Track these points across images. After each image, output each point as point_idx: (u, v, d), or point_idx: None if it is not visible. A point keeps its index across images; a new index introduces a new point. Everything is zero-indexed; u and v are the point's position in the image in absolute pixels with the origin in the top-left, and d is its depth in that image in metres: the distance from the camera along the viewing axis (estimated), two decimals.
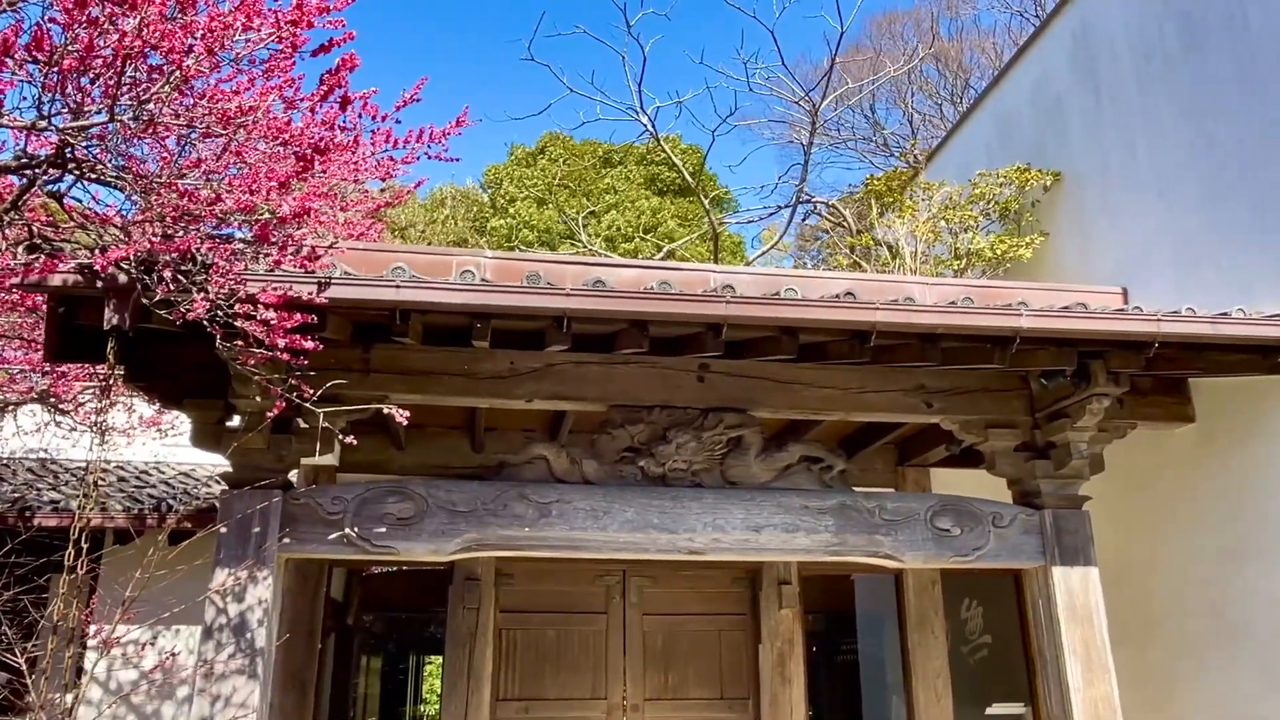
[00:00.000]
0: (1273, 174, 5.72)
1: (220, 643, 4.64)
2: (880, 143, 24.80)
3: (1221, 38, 6.18)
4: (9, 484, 6.56)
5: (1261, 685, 5.52)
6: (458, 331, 4.82)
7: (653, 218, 20.96)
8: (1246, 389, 5.68)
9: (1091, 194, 7.54)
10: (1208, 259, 6.19)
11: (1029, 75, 8.45)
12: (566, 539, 5.17)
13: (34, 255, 3.83)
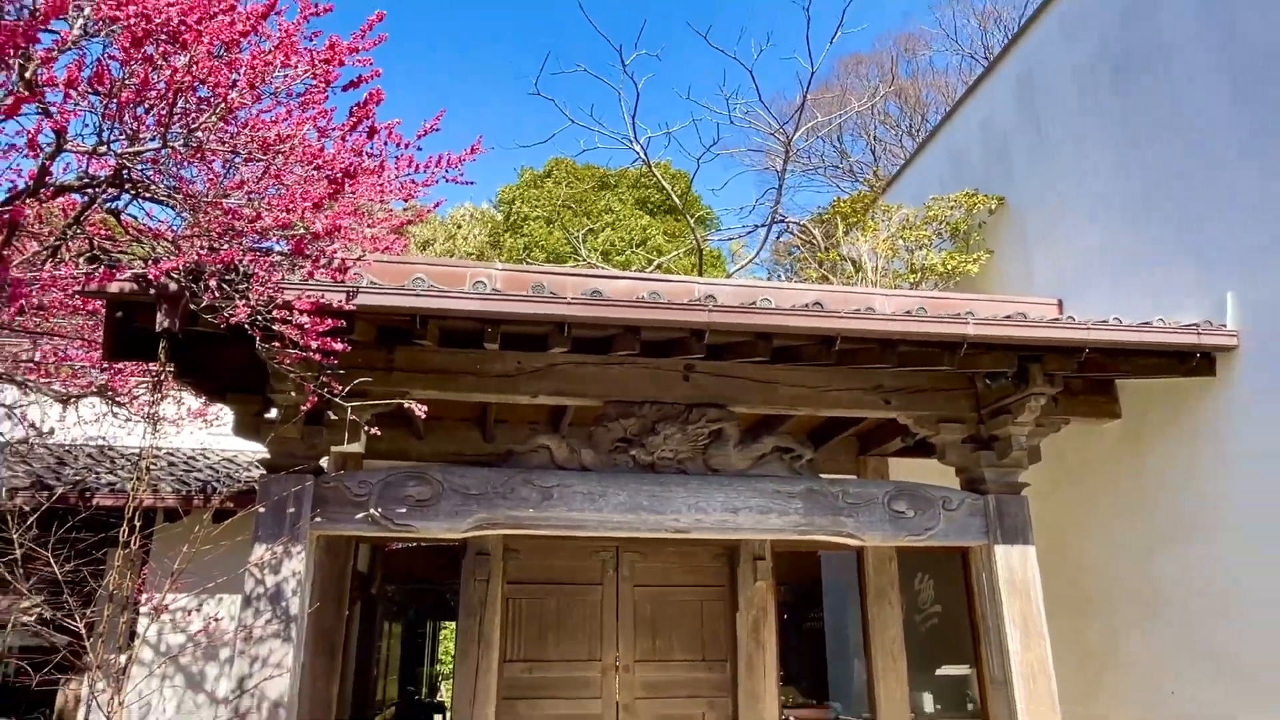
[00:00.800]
0: (1191, 201, 5.74)
1: (258, 610, 4.61)
2: (847, 169, 24.87)
3: (1147, 80, 6.18)
4: (71, 468, 6.53)
5: (1175, 652, 5.55)
6: (471, 335, 4.80)
7: (644, 235, 20.86)
8: (1167, 390, 5.69)
9: (1031, 216, 7.54)
10: (1133, 274, 6.20)
11: (978, 111, 8.46)
12: (566, 519, 5.15)
13: (94, 265, 3.80)
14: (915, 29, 25.48)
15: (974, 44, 23.98)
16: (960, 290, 7.89)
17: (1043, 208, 7.39)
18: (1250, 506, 5.10)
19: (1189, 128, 5.78)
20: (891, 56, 24.85)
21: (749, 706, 6.65)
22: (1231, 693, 5.13)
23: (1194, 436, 5.54)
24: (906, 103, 24.27)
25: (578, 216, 21.48)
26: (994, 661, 5.30)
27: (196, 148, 3.48)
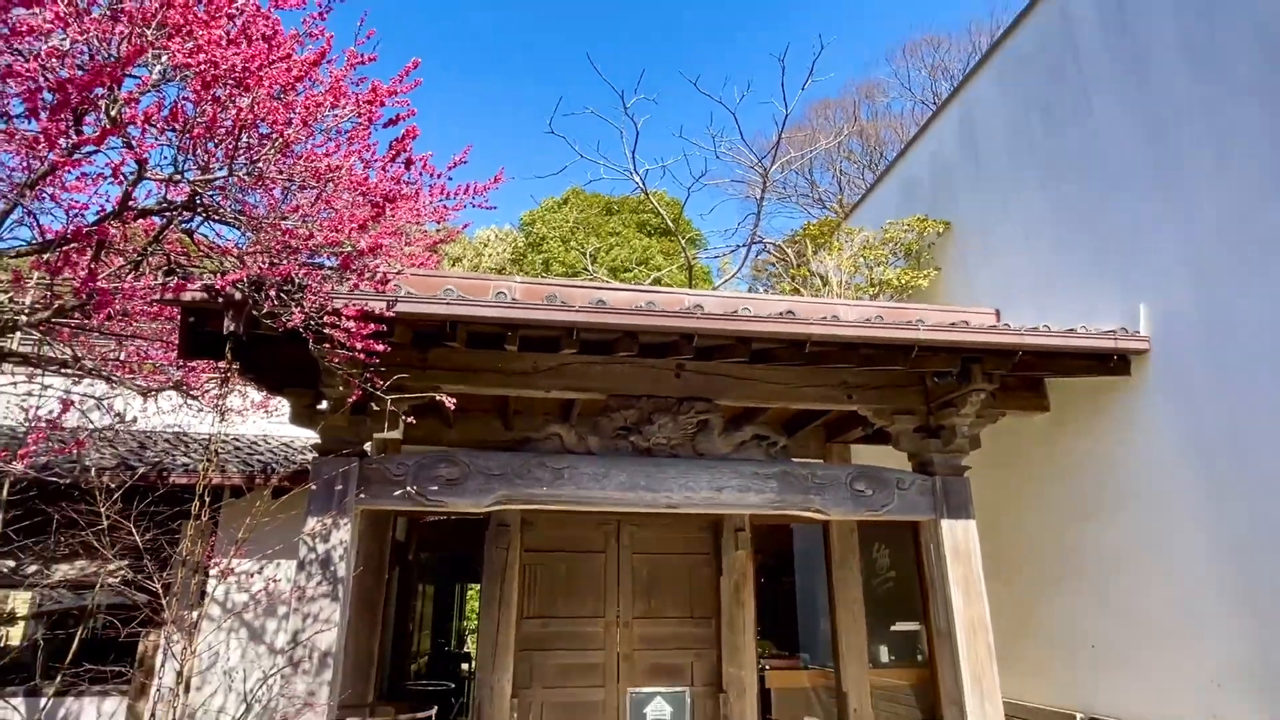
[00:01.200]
0: (1108, 226, 5.73)
1: (310, 573, 4.55)
2: (816, 198, 24.79)
3: (1070, 123, 6.15)
4: (150, 451, 6.48)
5: (1094, 610, 5.54)
6: (493, 338, 4.75)
7: (644, 254, 20.82)
8: (1088, 387, 5.68)
9: (973, 238, 7.51)
10: (1060, 288, 6.17)
11: (927, 148, 8.44)
12: (575, 496, 5.09)
13: (170, 277, 3.75)
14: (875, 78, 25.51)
15: (924, 91, 24.03)
16: (912, 302, 7.86)
17: (982, 231, 7.35)
18: (1156, 485, 5.12)
19: (1106, 164, 5.76)
20: (855, 101, 24.91)
21: (731, 657, 6.58)
22: (1134, 637, 5.18)
23: (1110, 426, 5.53)
24: (867, 141, 24.25)
25: (589, 237, 21.47)
26: (940, 617, 5.27)
27: (258, 176, 3.45)
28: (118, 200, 3.34)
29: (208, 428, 7.11)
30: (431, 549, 9.51)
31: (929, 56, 23.99)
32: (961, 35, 23.30)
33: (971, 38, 22.34)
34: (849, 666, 6.66)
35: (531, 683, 6.41)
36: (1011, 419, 6.12)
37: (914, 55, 24.38)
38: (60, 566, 5.70)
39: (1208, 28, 4.91)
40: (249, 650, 6.27)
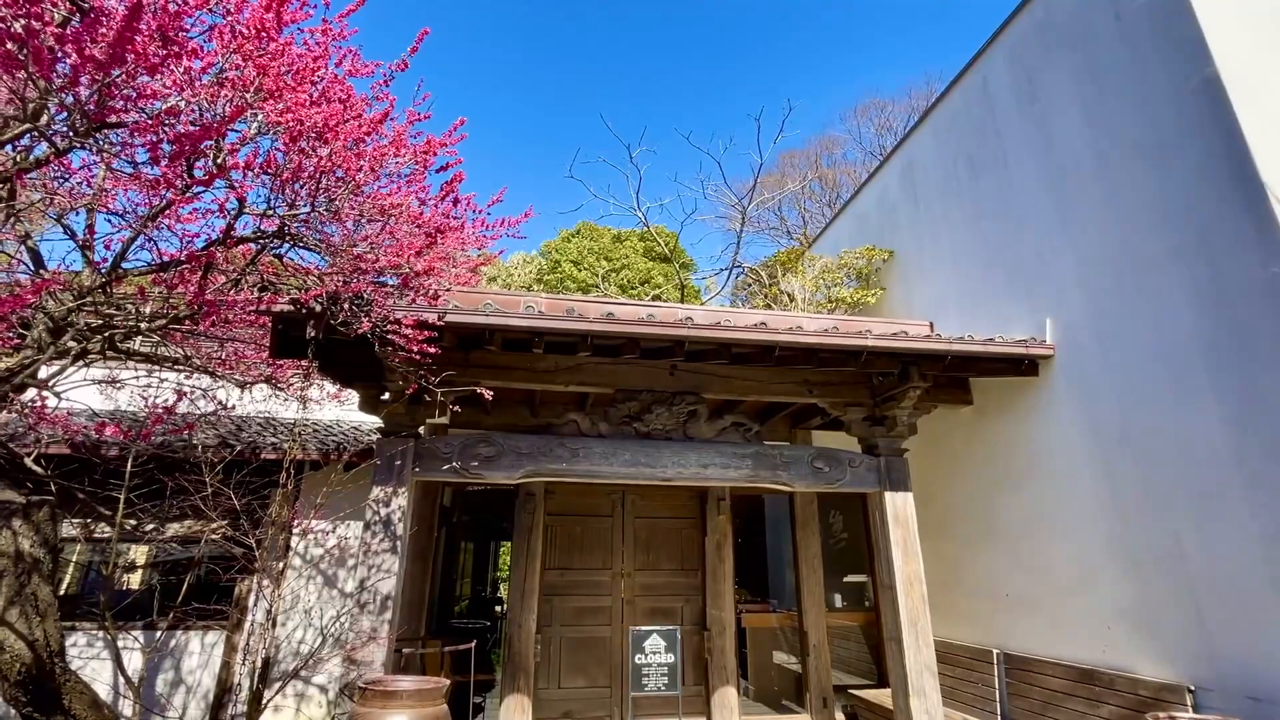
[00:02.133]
0: (1019, 253, 5.70)
1: (375, 532, 4.55)
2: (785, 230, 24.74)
3: (991, 170, 6.13)
4: (245, 432, 6.48)
5: (1009, 565, 5.53)
6: (523, 343, 4.75)
7: (647, 275, 20.74)
8: (1005, 384, 5.66)
9: (912, 263, 7.48)
10: (983, 304, 6.15)
11: (875, 189, 8.42)
12: (588, 471, 5.08)
13: (264, 292, 3.77)
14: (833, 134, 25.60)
15: (872, 144, 24.06)
16: (863, 315, 7.86)
17: (920, 257, 7.32)
18: (1058, 463, 5.10)
19: (1018, 203, 5.74)
20: (816, 153, 24.97)
21: (713, 602, 6.53)
22: (1041, 588, 5.16)
23: (1022, 416, 5.51)
24: (826, 184, 24.25)
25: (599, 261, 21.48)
26: (884, 572, 5.24)
27: (334, 212, 3.44)
28: (222, 230, 3.35)
29: (292, 414, 7.14)
30: (472, 513, 9.52)
31: (876, 116, 24.05)
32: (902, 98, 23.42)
33: (911, 100, 22.45)
34: (809, 611, 6.64)
35: (552, 622, 6.38)
36: (943, 410, 6.14)
37: (864, 115, 24.48)
38: (172, 525, 5.71)
39: (1099, 93, 4.91)
40: (323, 594, 6.24)
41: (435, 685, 3.84)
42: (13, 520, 3.57)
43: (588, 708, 6.19)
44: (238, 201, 3.19)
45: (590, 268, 21.05)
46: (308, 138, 3.08)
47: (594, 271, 20.70)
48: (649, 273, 21.48)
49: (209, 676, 5.84)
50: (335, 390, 6.66)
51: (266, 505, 5.97)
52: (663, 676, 5.17)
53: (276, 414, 7.33)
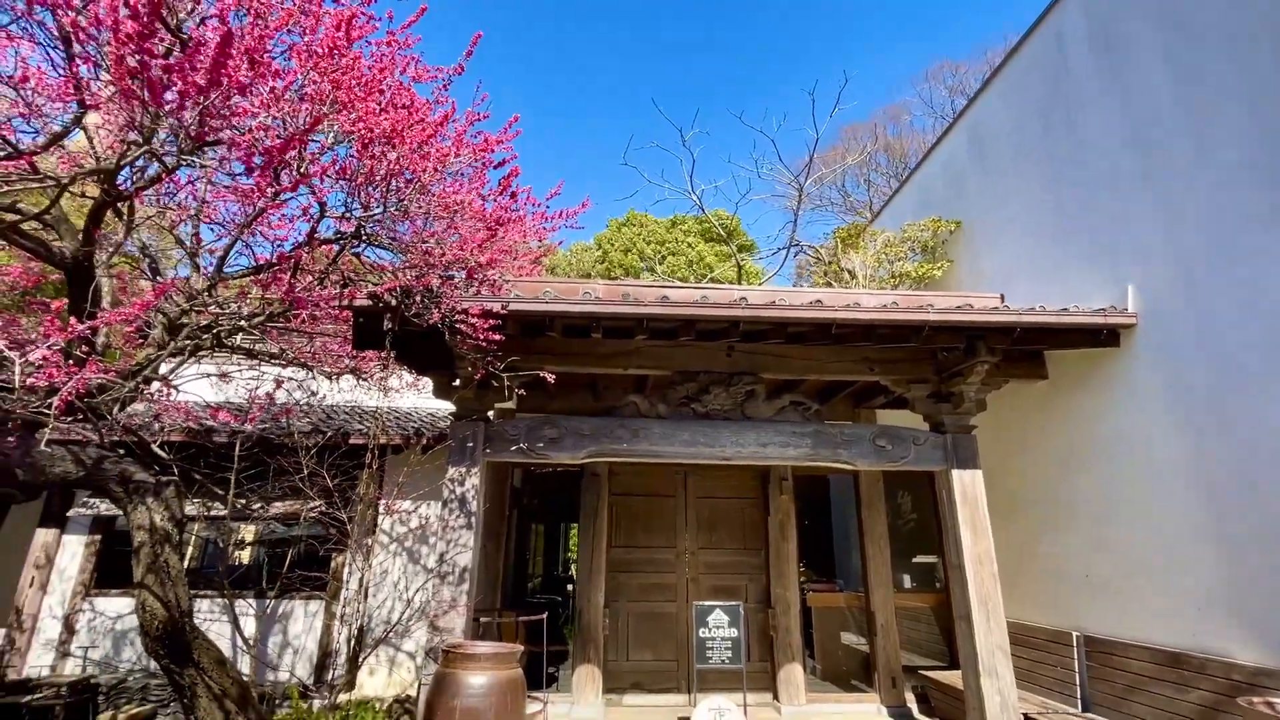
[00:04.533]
0: (1098, 218, 5.41)
1: (451, 508, 4.84)
2: (849, 206, 24.03)
3: (1065, 129, 5.81)
4: (335, 420, 6.98)
5: (1087, 546, 5.31)
6: (583, 329, 4.91)
7: (701, 258, 20.61)
8: (1082, 356, 5.40)
9: (980, 233, 7.17)
10: (1058, 273, 5.87)
11: (940, 157, 8.09)
12: (649, 451, 5.20)
13: (345, 289, 4.08)
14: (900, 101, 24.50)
15: (944, 109, 22.85)
16: (928, 290, 7.62)
17: (989, 227, 7.01)
18: (1141, 440, 4.84)
19: (1095, 164, 5.42)
20: (881, 123, 23.99)
21: (777, 581, 6.57)
22: (1123, 570, 4.92)
23: (1101, 390, 5.25)
24: (892, 155, 23.30)
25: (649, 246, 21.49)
26: (952, 551, 5.15)
27: (404, 211, 3.70)
28: (306, 234, 3.67)
29: (374, 402, 7.64)
30: (541, 495, 9.84)
31: (948, 79, 22.81)
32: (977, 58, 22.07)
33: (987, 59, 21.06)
34: (876, 591, 6.58)
35: (619, 597, 6.60)
36: (1015, 385, 5.89)
37: (934, 79, 23.25)
38: (275, 504, 6.27)
39: (1185, 38, 4.56)
40: (408, 568, 6.69)
41: (511, 650, 4.12)
42: (146, 498, 4.07)
43: (655, 679, 6.40)
44: (319, 206, 3.48)
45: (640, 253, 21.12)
46: (378, 143, 3.33)
47: (644, 256, 20.77)
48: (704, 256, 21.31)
49: (312, 640, 6.42)
50: (413, 379, 7.06)
51: (355, 486, 6.47)
52: (726, 650, 5.29)
53: (361, 402, 7.86)
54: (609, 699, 6.10)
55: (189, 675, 4.09)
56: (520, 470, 7.79)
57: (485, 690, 3.93)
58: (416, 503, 6.65)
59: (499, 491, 6.77)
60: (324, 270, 4.23)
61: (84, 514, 6.53)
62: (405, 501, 6.53)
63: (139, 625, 4.02)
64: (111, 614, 6.39)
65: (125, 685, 6.12)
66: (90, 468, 4.01)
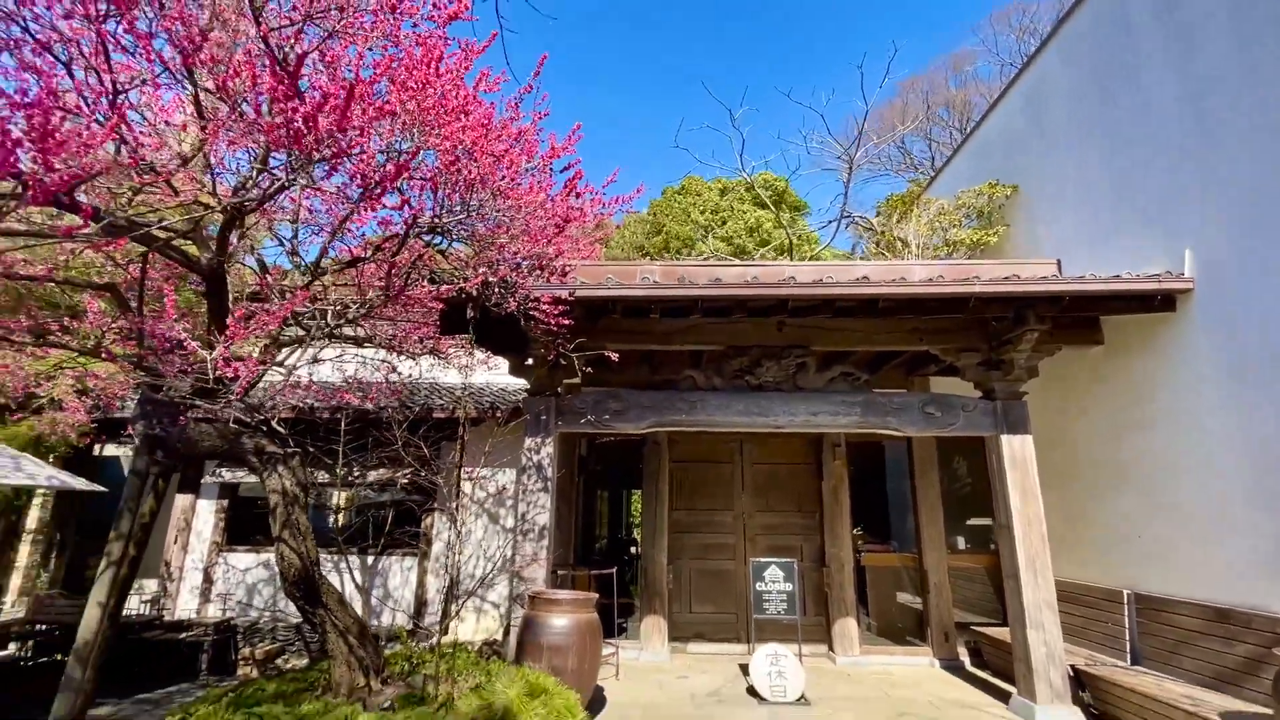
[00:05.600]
0: (1156, 182, 5.37)
1: (529, 474, 5.41)
2: (910, 164, 23.27)
3: (1124, 92, 5.72)
4: (418, 397, 7.69)
5: (1140, 508, 5.43)
6: (642, 309, 5.33)
7: (756, 224, 20.48)
8: (1140, 321, 5.44)
9: (1037, 198, 7.10)
10: (1115, 238, 5.85)
11: (998, 121, 7.95)
12: (706, 421, 5.61)
13: (433, 284, 4.63)
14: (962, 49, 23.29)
15: (1011, 52, 21.61)
16: (985, 257, 7.64)
17: (1046, 191, 6.94)
18: (1195, 405, 4.91)
19: (1154, 127, 5.36)
20: (941, 74, 22.90)
21: (831, 541, 6.93)
22: (1175, 532, 5.04)
23: (1157, 355, 5.30)
24: (955, 107, 22.25)
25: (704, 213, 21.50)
26: (1002, 513, 5.39)
27: (481, 213, 4.21)
28: (400, 235, 4.23)
29: (450, 379, 8.34)
30: (605, 463, 10.44)
31: (1016, 20, 21.46)
32: None
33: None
34: (929, 551, 6.86)
35: (681, 556, 7.13)
36: (1070, 351, 5.98)
37: (1001, 23, 21.92)
38: (372, 472, 7.07)
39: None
40: (489, 528, 7.41)
41: (589, 597, 4.71)
42: (278, 467, 4.82)
43: (716, 630, 6.95)
44: (412, 215, 4.02)
45: (695, 221, 21.16)
46: (460, 155, 3.81)
47: (698, 224, 20.80)
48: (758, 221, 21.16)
49: (409, 591, 7.28)
50: (484, 357, 7.69)
51: (440, 455, 7.19)
52: (782, 602, 5.75)
53: (437, 379, 8.58)
54: (674, 646, 6.70)
55: (319, 614, 4.88)
56: (586, 440, 8.36)
57: (567, 630, 4.54)
58: (494, 470, 7.32)
59: (568, 460, 7.36)
60: (411, 264, 4.81)
61: (213, 482, 7.55)
62: (484, 469, 7.21)
63: (279, 572, 4.81)
64: (241, 567, 7.42)
65: (257, 626, 7.15)
66: (232, 442, 4.77)
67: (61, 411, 6.20)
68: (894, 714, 4.92)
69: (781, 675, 5.20)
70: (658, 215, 22.57)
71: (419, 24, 3.56)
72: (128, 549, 4.26)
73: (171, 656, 6.53)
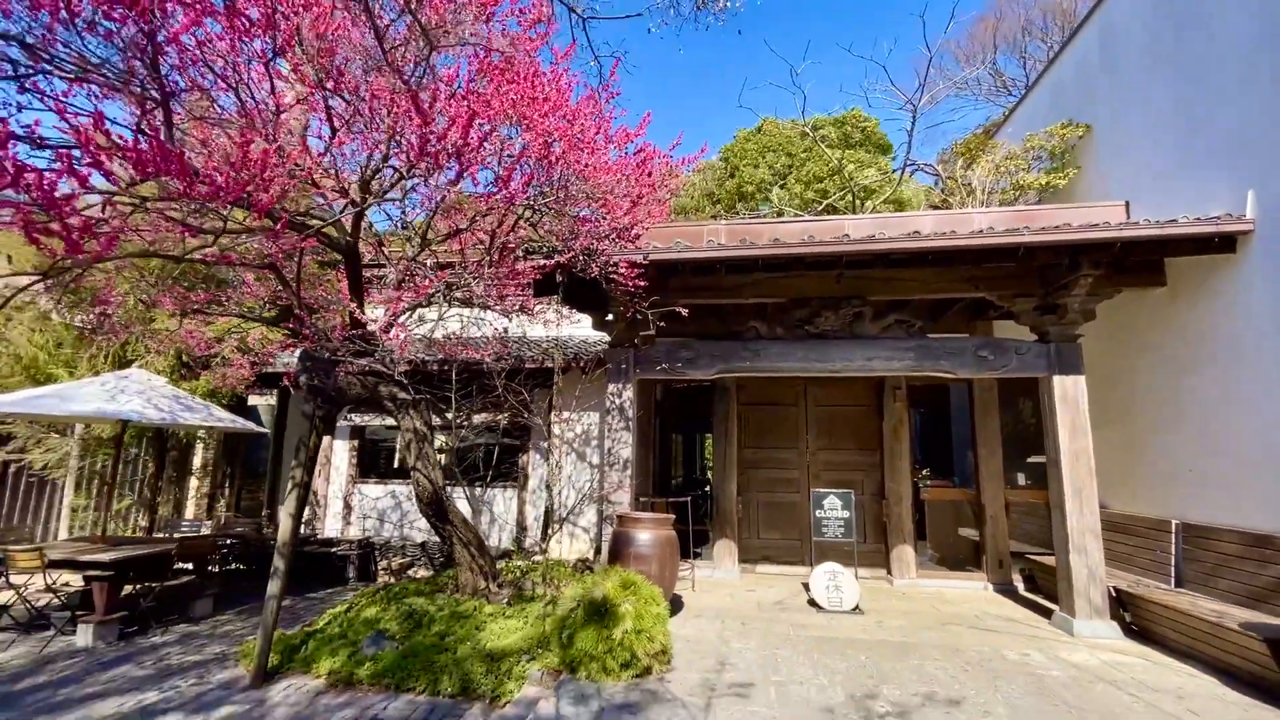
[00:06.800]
0: (1223, 121, 5.39)
1: (613, 415, 6.26)
2: (999, 85, 21.94)
3: (1197, 28, 5.66)
4: (511, 350, 8.68)
5: (1192, 444, 5.70)
6: (708, 269, 5.92)
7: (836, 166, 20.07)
8: (1202, 263, 5.59)
9: (1109, 139, 7.05)
10: (1182, 179, 5.90)
11: (1072, 58, 7.77)
12: (769, 367, 6.22)
13: (533, 256, 5.43)
14: None
15: None
16: (1055, 201, 7.69)
17: (1118, 131, 6.89)
18: (1251, 342, 5.11)
19: (1225, 67, 5.34)
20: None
21: (891, 476, 7.46)
22: (1225, 464, 5.33)
23: (1217, 295, 5.45)
24: (1053, 16, 20.59)
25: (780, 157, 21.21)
26: (1051, 449, 5.78)
27: (569, 193, 4.95)
28: (500, 216, 5.04)
29: (540, 332, 9.28)
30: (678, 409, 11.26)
31: None
32: None
33: None
34: (986, 486, 7.30)
35: (750, 489, 7.91)
36: (1132, 294, 6.17)
37: None
38: (477, 416, 8.19)
39: None
40: (576, 464, 8.44)
41: (668, 516, 5.60)
42: (409, 410, 5.92)
43: (781, 554, 7.77)
44: (509, 196, 4.80)
45: (770, 165, 20.93)
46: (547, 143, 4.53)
47: (773, 168, 20.59)
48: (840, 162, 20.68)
49: (510, 518, 8.49)
50: (567, 313, 8.58)
51: (532, 400, 8.22)
52: (839, 527, 6.47)
53: (527, 333, 9.56)
54: (743, 567, 7.59)
55: (447, 529, 6.04)
56: (662, 386, 9.20)
57: (650, 543, 5.47)
58: (580, 413, 8.29)
59: (646, 404, 8.22)
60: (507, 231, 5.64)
61: (345, 424, 8.95)
62: (570, 413, 8.20)
63: (414, 494, 5.98)
64: (372, 496, 8.85)
65: (389, 544, 8.60)
66: (372, 391, 5.87)
67: (229, 367, 7.60)
68: (938, 623, 5.60)
69: (838, 589, 5.97)
70: (730, 159, 22.45)
71: (506, 31, 4.28)
72: (305, 474, 5.47)
73: (325, 567, 8.05)
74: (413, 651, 4.65)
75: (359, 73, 4.21)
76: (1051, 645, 5.00)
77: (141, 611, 5.97)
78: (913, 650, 4.78)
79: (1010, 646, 4.93)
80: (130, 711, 4.09)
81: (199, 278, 7.55)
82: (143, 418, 6.02)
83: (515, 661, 4.36)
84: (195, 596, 6.38)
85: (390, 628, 5.07)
